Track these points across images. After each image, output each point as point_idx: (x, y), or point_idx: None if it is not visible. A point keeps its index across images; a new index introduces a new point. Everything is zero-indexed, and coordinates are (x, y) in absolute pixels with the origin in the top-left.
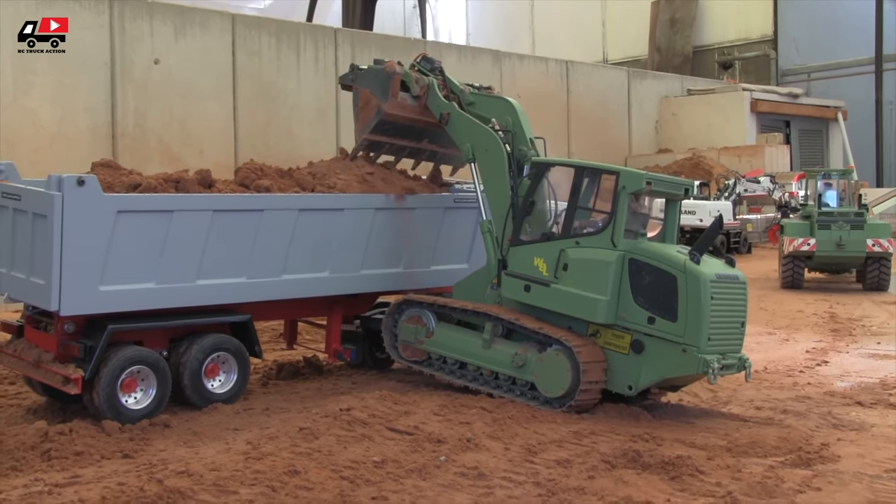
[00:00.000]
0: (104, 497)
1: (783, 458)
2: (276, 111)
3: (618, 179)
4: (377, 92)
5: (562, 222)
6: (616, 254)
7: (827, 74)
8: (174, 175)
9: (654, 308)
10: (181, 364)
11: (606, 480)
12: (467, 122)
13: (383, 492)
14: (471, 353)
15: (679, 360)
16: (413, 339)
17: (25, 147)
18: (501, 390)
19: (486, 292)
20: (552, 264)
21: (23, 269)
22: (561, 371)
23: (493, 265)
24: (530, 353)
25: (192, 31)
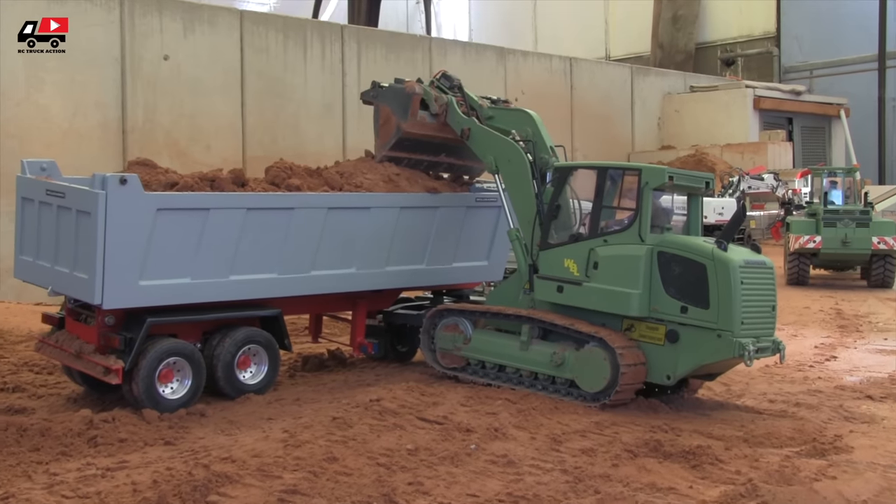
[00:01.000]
0: (156, 481)
1: (798, 448)
2: (282, 107)
3: (640, 176)
4: (397, 111)
5: (588, 223)
6: (645, 248)
7: (829, 71)
8: (209, 174)
9: (686, 297)
10: (214, 356)
11: (630, 468)
12: (488, 136)
13: (419, 478)
14: (509, 355)
15: (715, 346)
16: (451, 347)
17: (38, 142)
18: (542, 390)
19: (519, 297)
20: (582, 264)
21: (66, 263)
22: (600, 366)
23: (524, 271)
24: (568, 352)
25: (201, 28)
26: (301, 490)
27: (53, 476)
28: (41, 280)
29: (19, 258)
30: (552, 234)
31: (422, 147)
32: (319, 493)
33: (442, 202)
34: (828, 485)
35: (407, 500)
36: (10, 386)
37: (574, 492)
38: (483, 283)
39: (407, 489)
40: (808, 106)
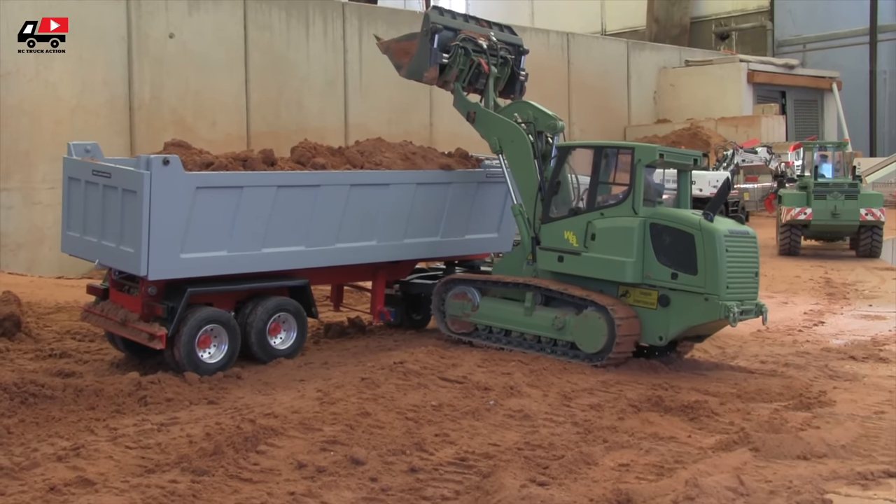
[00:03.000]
0: (208, 433)
1: (786, 402)
2: (286, 83)
3: (633, 154)
4: (418, 59)
5: (586, 198)
6: (638, 220)
7: (822, 45)
8: (241, 154)
9: (676, 265)
10: (248, 324)
11: (634, 421)
12: (492, 118)
13: (444, 430)
14: (514, 321)
15: (703, 309)
16: (460, 314)
17: (47, 119)
18: (545, 352)
19: (523, 268)
20: (581, 236)
21: (112, 238)
22: (598, 328)
23: (527, 243)
24: (568, 316)
25: (206, 6)
26: (340, 440)
27: (114, 430)
28: (88, 254)
29: (66, 234)
30: (553, 209)
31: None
32: (357, 443)
33: (455, 178)
34: (812, 433)
35: (436, 448)
36: (57, 352)
37: (585, 441)
38: (492, 254)
39: (435, 440)
40: (801, 79)
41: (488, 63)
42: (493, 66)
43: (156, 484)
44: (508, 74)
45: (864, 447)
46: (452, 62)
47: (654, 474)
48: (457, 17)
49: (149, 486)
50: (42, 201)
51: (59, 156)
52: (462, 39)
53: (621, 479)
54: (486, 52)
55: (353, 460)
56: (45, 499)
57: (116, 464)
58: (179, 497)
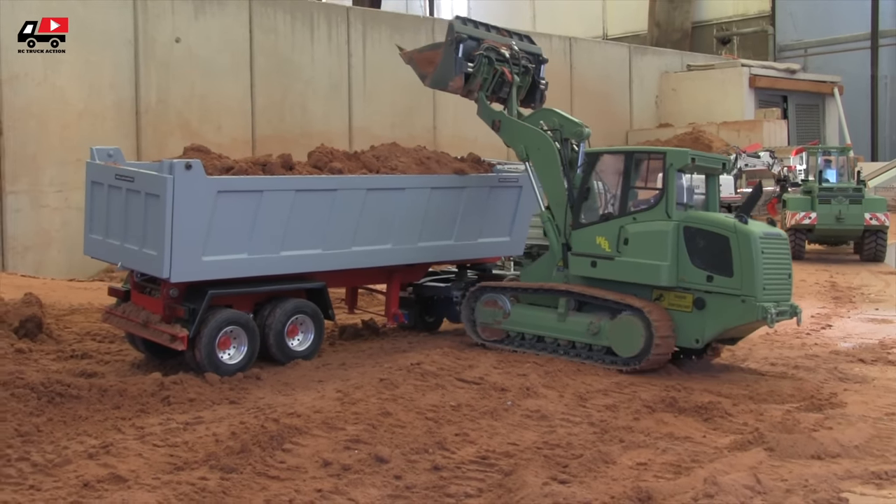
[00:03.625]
0: (234, 432)
1: (798, 404)
2: (290, 87)
3: (665, 158)
4: (443, 67)
5: (618, 203)
6: (672, 224)
7: (823, 50)
8: (260, 159)
9: (711, 267)
10: (266, 325)
11: (649, 421)
12: (517, 127)
13: (464, 429)
14: (548, 327)
15: (740, 311)
16: (492, 321)
17: (54, 123)
18: (580, 357)
19: (553, 274)
20: (613, 241)
21: (135, 241)
22: (634, 332)
23: (557, 250)
24: (603, 321)
25: (211, 10)
26: (363, 439)
27: (140, 429)
28: (110, 256)
29: (89, 236)
30: (583, 215)
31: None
32: (380, 442)
33: (469, 182)
34: (825, 433)
35: (457, 447)
36: (78, 353)
37: (601, 441)
38: (503, 258)
39: (455, 439)
40: (803, 84)
41: (511, 72)
42: (516, 76)
43: (186, 481)
44: (529, 83)
45: (877, 447)
46: (477, 71)
47: (671, 473)
48: (479, 26)
49: (179, 482)
50: (49, 204)
51: (66, 159)
52: (486, 49)
53: (640, 477)
54: (509, 62)
55: (378, 458)
56: (80, 494)
57: (146, 461)
58: (210, 494)
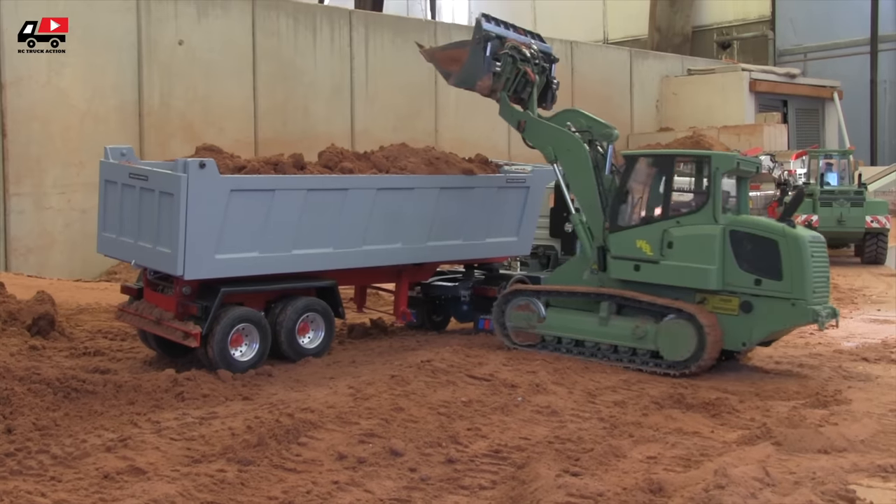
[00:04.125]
0: (249, 426)
1: (804, 400)
2: (293, 90)
3: (711, 162)
4: (470, 67)
5: (660, 206)
6: (719, 227)
7: (823, 55)
8: (272, 159)
9: (759, 271)
10: (277, 323)
11: (658, 417)
12: (545, 128)
13: (476, 424)
14: (587, 330)
15: (790, 314)
16: (526, 325)
17: (57, 125)
18: (621, 362)
19: (584, 277)
20: (656, 244)
21: (149, 239)
22: (685, 336)
23: (590, 253)
24: (649, 325)
25: (214, 13)
26: (378, 433)
27: (156, 423)
28: (123, 254)
29: (102, 235)
30: (622, 217)
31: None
32: (394, 436)
33: (477, 183)
34: (831, 429)
35: (469, 441)
36: (91, 350)
37: (611, 436)
38: (509, 258)
39: (467, 433)
40: (803, 88)
41: (533, 72)
42: (537, 75)
43: (204, 473)
44: (544, 83)
45: (883, 442)
46: (503, 71)
47: (681, 466)
48: (501, 24)
49: (198, 474)
50: (53, 206)
51: (69, 161)
52: (510, 48)
53: (650, 470)
54: (531, 61)
55: (392, 452)
56: (101, 485)
57: (163, 454)
58: (229, 485)
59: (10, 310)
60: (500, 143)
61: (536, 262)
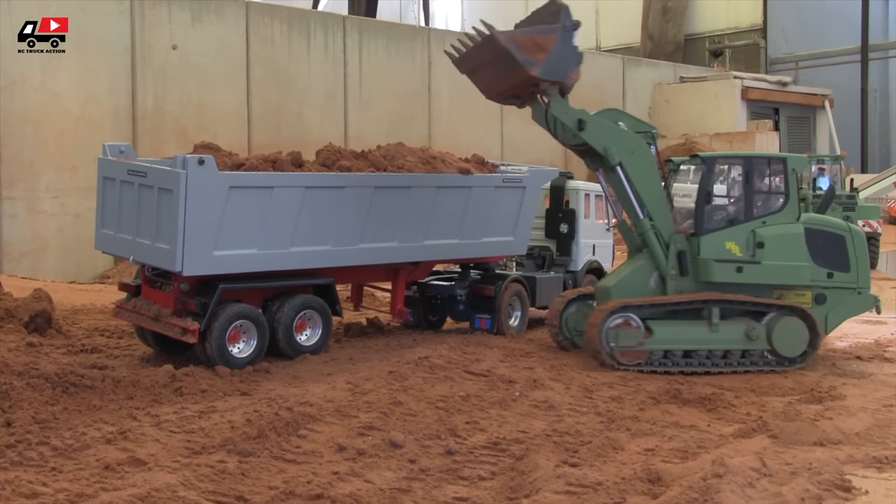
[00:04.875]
0: (249, 419)
1: (799, 396)
2: (287, 95)
3: (786, 163)
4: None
5: (744, 207)
6: (801, 226)
7: (814, 63)
8: (270, 156)
9: (831, 264)
10: (275, 320)
11: (655, 412)
12: (607, 127)
13: (474, 418)
14: (698, 339)
15: (857, 303)
16: (634, 344)
17: (51, 129)
18: (731, 365)
19: (650, 285)
20: (744, 245)
21: (147, 235)
22: (799, 332)
23: (661, 257)
24: (759, 326)
25: (209, 18)
26: (377, 426)
27: (155, 417)
28: (122, 251)
29: (100, 231)
30: (709, 220)
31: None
32: (393, 428)
33: (473, 182)
34: (826, 422)
35: (468, 434)
36: (88, 348)
37: (609, 429)
38: (505, 258)
39: (466, 427)
40: (794, 96)
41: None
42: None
43: (205, 463)
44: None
45: (877, 435)
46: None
47: (679, 458)
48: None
49: (199, 465)
50: (46, 210)
51: (63, 166)
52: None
53: (648, 461)
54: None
55: (392, 443)
56: (102, 475)
57: (164, 446)
58: (230, 475)
59: (7, 307)
60: (493, 148)
61: (532, 263)
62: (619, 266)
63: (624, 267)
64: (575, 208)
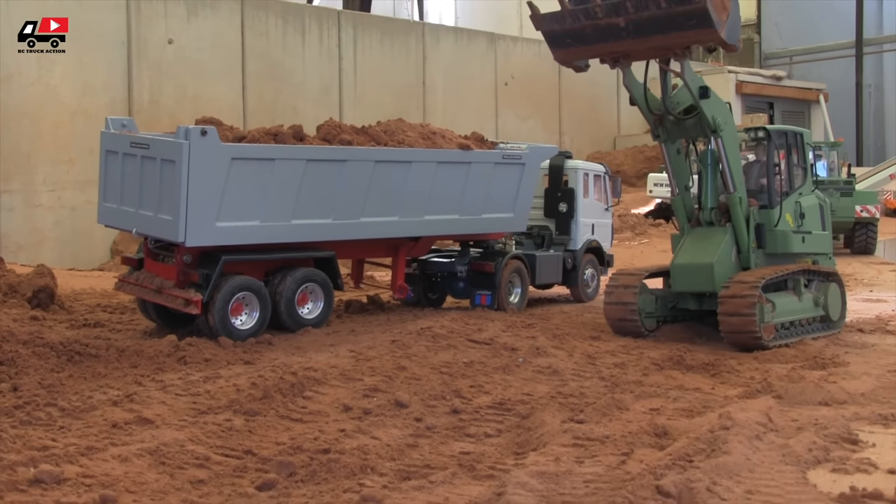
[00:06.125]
0: (254, 383)
1: (802, 363)
2: (281, 89)
3: (803, 137)
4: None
5: (789, 180)
6: (815, 197)
7: (808, 58)
8: (272, 129)
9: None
10: (277, 293)
11: (658, 377)
12: (718, 98)
13: (478, 382)
14: (794, 310)
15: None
16: (770, 319)
17: (48, 122)
18: (810, 333)
19: (732, 260)
20: (795, 216)
21: (150, 207)
22: (839, 296)
23: (745, 232)
24: (818, 293)
25: (204, 13)
26: (381, 388)
27: (160, 382)
28: (125, 223)
29: (103, 205)
30: (777, 193)
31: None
32: (398, 390)
33: (473, 158)
34: (831, 385)
35: (473, 396)
36: (91, 322)
37: (613, 392)
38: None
39: (471, 390)
40: (789, 91)
41: None
42: None
43: (212, 422)
44: None
45: (882, 396)
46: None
47: (684, 417)
48: None
49: (206, 423)
50: (43, 203)
51: (59, 159)
52: None
53: (654, 419)
54: None
55: (398, 403)
56: (110, 432)
57: (170, 408)
58: (237, 432)
59: (10, 282)
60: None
61: (531, 242)
62: (685, 242)
63: (697, 242)
64: (574, 188)
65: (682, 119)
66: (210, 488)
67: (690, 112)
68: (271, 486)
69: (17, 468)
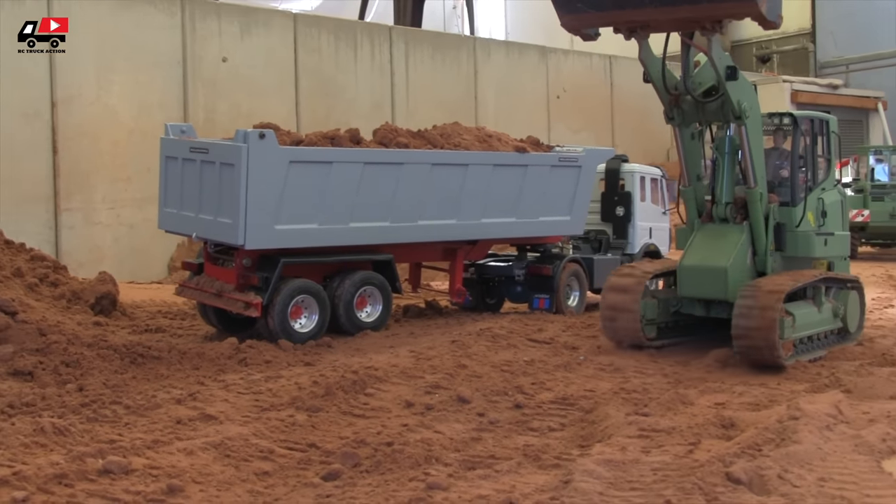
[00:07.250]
0: (315, 381)
1: (869, 360)
2: (334, 105)
3: (829, 125)
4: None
5: (812, 173)
6: (837, 192)
7: (865, 66)
8: (329, 133)
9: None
10: (335, 296)
11: (721, 374)
12: (745, 79)
13: (540, 379)
14: (814, 322)
15: (844, 268)
16: (790, 334)
17: (106, 141)
18: (819, 349)
19: (747, 263)
20: (817, 214)
21: (210, 211)
22: (857, 305)
23: (763, 232)
24: (837, 303)
25: (257, 31)
26: (443, 385)
27: (222, 381)
28: (185, 228)
29: (163, 210)
30: (801, 188)
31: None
32: (459, 387)
33: (530, 161)
34: None
35: (535, 392)
36: (152, 328)
37: (676, 388)
38: (562, 241)
39: (532, 387)
40: (846, 99)
41: None
42: None
43: (275, 418)
44: None
45: None
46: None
47: (751, 410)
48: None
49: (269, 419)
50: (102, 221)
51: (117, 177)
52: None
53: (720, 412)
54: None
55: (460, 399)
56: (175, 428)
57: (232, 405)
58: (300, 427)
59: (74, 289)
60: None
61: (588, 247)
62: (695, 240)
63: (709, 241)
64: (630, 191)
65: (702, 102)
66: (275, 479)
67: (711, 94)
68: (336, 476)
69: (86, 459)
